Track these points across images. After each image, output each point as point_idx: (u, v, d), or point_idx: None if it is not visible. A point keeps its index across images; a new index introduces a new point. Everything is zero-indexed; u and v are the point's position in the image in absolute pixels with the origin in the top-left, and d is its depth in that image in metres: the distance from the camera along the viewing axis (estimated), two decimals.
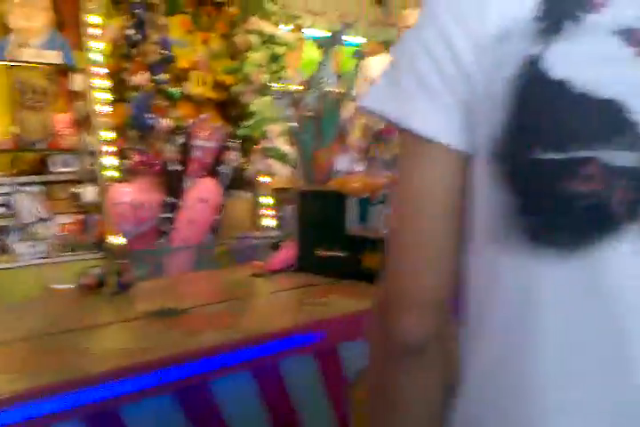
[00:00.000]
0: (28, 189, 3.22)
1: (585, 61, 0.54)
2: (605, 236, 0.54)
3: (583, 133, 0.54)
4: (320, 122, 1.91)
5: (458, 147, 0.59)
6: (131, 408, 1.18)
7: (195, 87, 3.59)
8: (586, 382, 0.55)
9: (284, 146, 3.24)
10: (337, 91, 1.96)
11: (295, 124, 1.99)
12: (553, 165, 0.54)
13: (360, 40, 4.03)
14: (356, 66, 2.81)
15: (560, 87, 0.54)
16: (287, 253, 2.04)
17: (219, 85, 3.75)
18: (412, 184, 0.61)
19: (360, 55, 2.86)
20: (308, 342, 1.44)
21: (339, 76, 1.94)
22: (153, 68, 3.40)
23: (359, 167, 1.85)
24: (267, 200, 3.78)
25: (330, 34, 2.31)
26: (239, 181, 3.66)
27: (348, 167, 1.87)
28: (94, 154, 3.28)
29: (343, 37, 2.12)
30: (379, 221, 1.76)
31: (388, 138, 1.85)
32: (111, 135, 3.27)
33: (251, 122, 3.57)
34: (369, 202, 1.78)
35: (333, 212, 1.87)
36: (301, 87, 2.07)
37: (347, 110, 1.89)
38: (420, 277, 0.61)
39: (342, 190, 1.81)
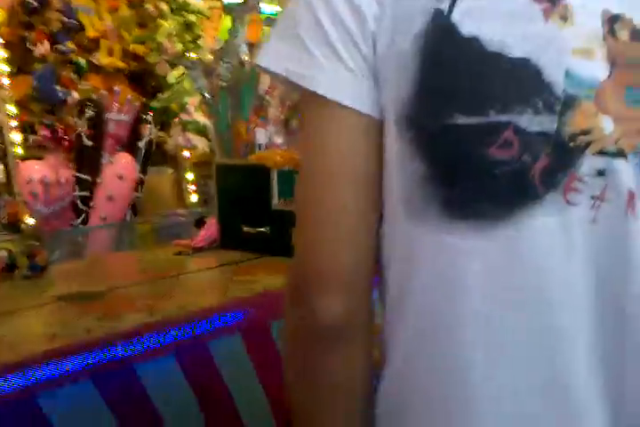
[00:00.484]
0: None
1: (494, 18, 0.51)
2: (526, 206, 0.51)
3: (499, 96, 0.50)
4: (238, 93, 1.85)
5: (367, 111, 0.54)
6: (49, 396, 1.12)
7: (104, 57, 3.40)
8: (513, 358, 0.52)
9: (203, 119, 3.15)
10: (251, 61, 1.90)
11: (209, 95, 1.92)
12: (468, 131, 0.50)
13: (277, 8, 3.93)
14: None
15: (471, 45, 0.50)
16: (211, 229, 2.00)
17: (130, 55, 3.57)
18: (322, 152, 0.55)
19: (273, 23, 2.79)
20: (235, 320, 1.42)
21: (251, 45, 1.87)
22: (57, 37, 3.20)
23: (279, 140, 1.81)
24: (190, 175, 3.69)
25: (242, 1, 2.23)
26: (159, 156, 3.54)
27: (267, 140, 1.83)
28: None
29: (259, 5, 2.05)
30: None
31: None
32: (15, 109, 3.07)
33: (167, 94, 3.44)
34: (291, 176, 1.75)
35: (255, 186, 1.83)
36: (213, 57, 2.00)
37: (264, 81, 1.83)
38: (337, 253, 0.55)
39: (263, 164, 1.77)
